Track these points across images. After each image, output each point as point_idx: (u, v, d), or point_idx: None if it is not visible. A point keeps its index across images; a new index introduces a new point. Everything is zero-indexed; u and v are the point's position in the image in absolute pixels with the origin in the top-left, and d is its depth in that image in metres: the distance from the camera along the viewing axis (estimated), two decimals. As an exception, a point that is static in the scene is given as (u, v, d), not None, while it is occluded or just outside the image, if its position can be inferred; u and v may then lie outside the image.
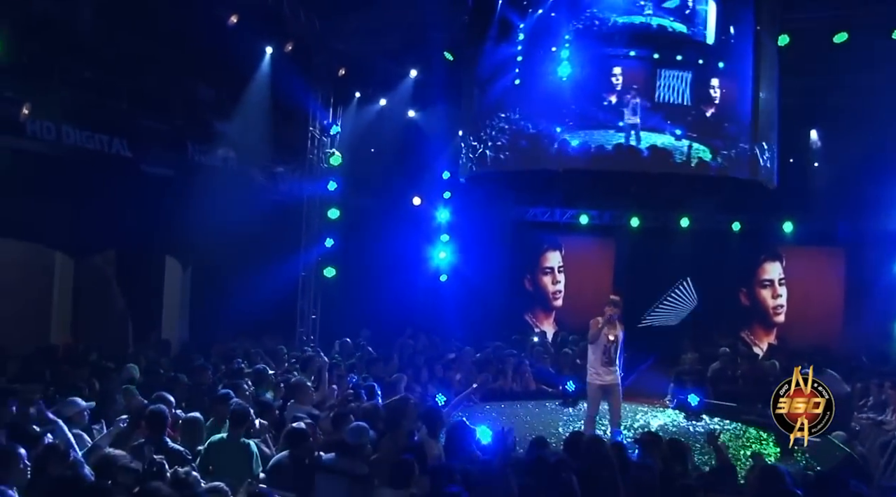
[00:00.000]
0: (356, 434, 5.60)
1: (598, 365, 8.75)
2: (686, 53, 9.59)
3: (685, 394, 10.83)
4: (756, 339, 15.55)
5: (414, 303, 15.21)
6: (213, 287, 12.03)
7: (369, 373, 9.40)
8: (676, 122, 9.74)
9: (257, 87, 11.87)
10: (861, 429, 9.22)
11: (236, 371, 8.20)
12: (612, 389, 8.77)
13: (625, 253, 16.89)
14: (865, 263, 14.08)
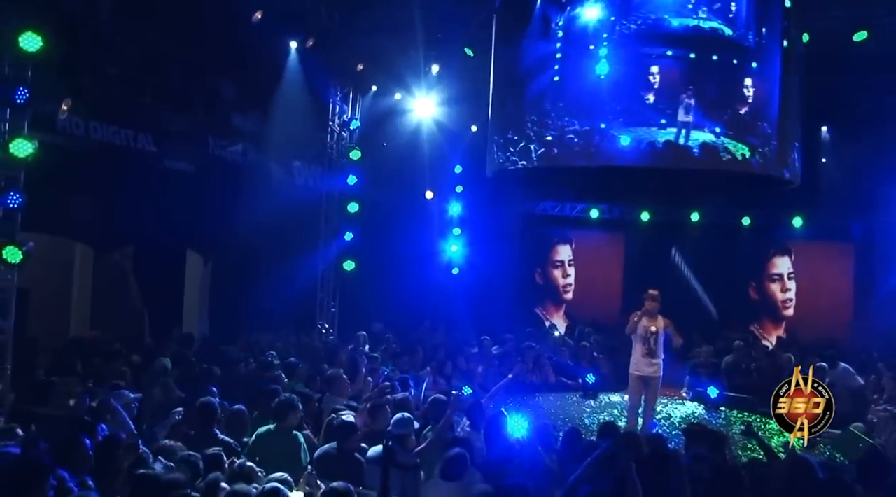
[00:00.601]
0: (402, 425, 5.76)
1: (639, 356, 8.96)
2: (722, 54, 9.74)
3: (702, 386, 11.01)
4: (765, 333, 15.76)
5: (426, 296, 15.42)
6: (233, 281, 12.16)
7: (395, 366, 9.56)
8: (715, 121, 9.91)
9: (278, 83, 11.97)
10: (878, 421, 9.39)
11: (268, 364, 8.34)
12: (652, 382, 8.96)
13: (635, 247, 17.05)
14: (875, 260, 14.31)
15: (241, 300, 11.98)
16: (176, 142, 11.20)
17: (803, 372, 11.26)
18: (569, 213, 17.33)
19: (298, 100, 12.16)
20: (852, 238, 15.03)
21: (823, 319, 15.02)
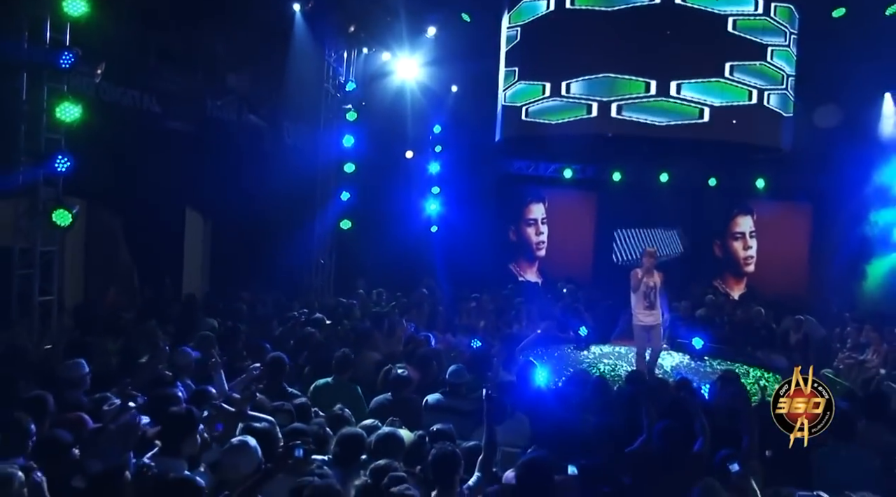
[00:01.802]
0: (457, 375, 6.29)
1: (641, 308, 9.96)
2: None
3: (684, 338, 11.86)
4: (728, 288, 16.80)
5: (409, 254, 15.92)
6: (233, 240, 12.37)
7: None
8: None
9: (274, 45, 12.07)
10: (843, 368, 10.39)
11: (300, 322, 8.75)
12: (654, 330, 9.96)
13: (606, 206, 17.78)
14: (831, 218, 15.32)
15: (241, 259, 12.26)
16: (177, 102, 11.26)
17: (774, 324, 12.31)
18: (542, 172, 17.93)
19: (295, 61, 12.30)
20: (810, 198, 16.02)
21: (782, 275, 16.08)
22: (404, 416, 5.94)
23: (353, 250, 13.84)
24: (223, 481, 3.70)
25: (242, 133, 12.34)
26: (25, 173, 7.01)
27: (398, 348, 8.00)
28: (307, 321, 8.74)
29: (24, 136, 7.03)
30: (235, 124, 12.31)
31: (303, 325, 8.57)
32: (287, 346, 7.89)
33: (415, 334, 8.45)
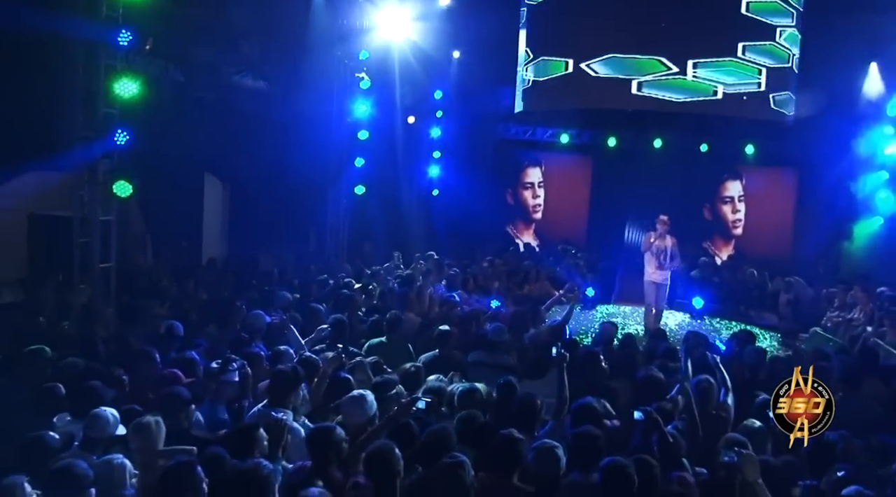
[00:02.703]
0: (498, 333, 6.91)
1: (652, 268, 11.00)
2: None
3: (683, 298, 12.58)
4: (716, 250, 17.55)
5: (412, 217, 16.49)
6: (249, 204, 12.80)
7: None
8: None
9: (289, 12, 12.34)
10: (831, 326, 11.18)
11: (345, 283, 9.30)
12: (661, 287, 10.92)
13: (601, 170, 18.35)
14: (816, 183, 16.04)
15: (258, 223, 12.71)
16: (199, 72, 11.58)
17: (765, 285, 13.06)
18: (539, 137, 18.39)
19: (308, 29, 12.59)
20: (797, 164, 16.73)
21: (768, 238, 16.86)
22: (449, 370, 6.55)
23: (362, 214, 14.31)
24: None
25: (259, 101, 12.69)
26: (85, 147, 7.39)
27: (434, 309, 8.57)
28: (343, 285, 9.27)
29: (83, 112, 7.37)
30: (252, 92, 12.66)
31: (339, 288, 9.10)
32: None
33: (447, 296, 9.01)
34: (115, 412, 4.21)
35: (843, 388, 5.57)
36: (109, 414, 4.15)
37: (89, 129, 7.43)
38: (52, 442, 3.88)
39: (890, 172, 14.27)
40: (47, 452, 3.73)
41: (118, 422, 4.19)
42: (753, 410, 4.85)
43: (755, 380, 5.92)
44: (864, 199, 14.71)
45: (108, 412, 4.17)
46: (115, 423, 4.17)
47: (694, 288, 12.81)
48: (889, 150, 14.30)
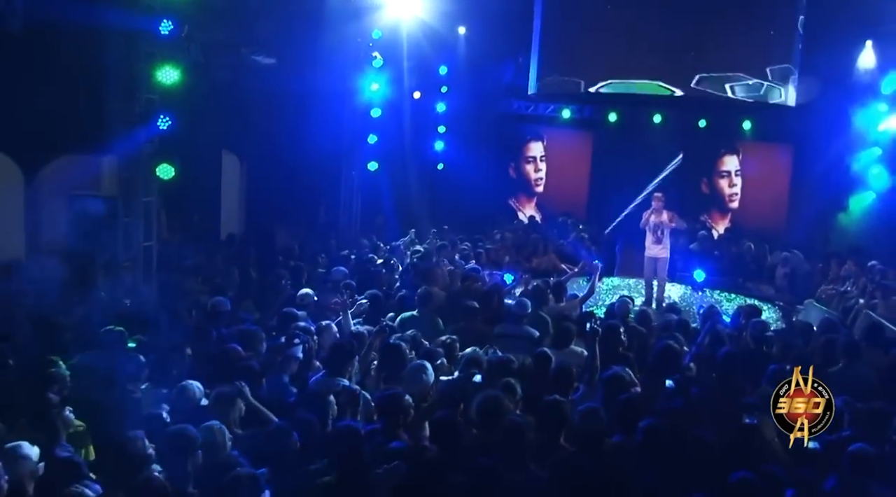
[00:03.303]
0: (521, 306, 7.40)
1: (650, 243, 11.69)
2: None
3: (684, 271, 13.13)
4: (713, 223, 18.09)
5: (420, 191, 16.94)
6: (266, 181, 13.18)
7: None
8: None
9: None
10: (825, 298, 11.77)
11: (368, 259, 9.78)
12: (660, 261, 11.55)
13: (601, 145, 18.80)
14: (810, 159, 16.55)
15: (274, 199, 13.10)
16: (217, 51, 11.88)
17: (763, 258, 13.61)
18: (542, 112, 18.79)
19: (321, 8, 12.87)
20: (792, 140, 17.23)
21: (764, 212, 17.41)
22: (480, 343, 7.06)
23: (373, 188, 14.73)
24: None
25: (274, 80, 12.97)
26: (127, 131, 7.77)
27: (455, 284, 9.06)
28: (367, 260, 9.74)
29: (126, 98, 7.74)
30: (267, 71, 12.95)
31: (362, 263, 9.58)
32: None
33: (469, 271, 9.50)
34: (199, 385, 4.68)
35: (845, 357, 6.11)
36: (196, 386, 4.62)
37: (131, 114, 7.79)
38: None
39: (883, 149, 14.75)
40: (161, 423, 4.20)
41: (203, 394, 4.66)
42: (766, 378, 5.38)
43: (761, 350, 6.45)
44: (858, 174, 15.22)
45: (195, 385, 4.65)
46: (200, 395, 4.64)
47: (694, 261, 13.33)
48: (882, 126, 14.76)
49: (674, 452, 3.95)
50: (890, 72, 14.33)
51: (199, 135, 11.98)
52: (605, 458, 3.96)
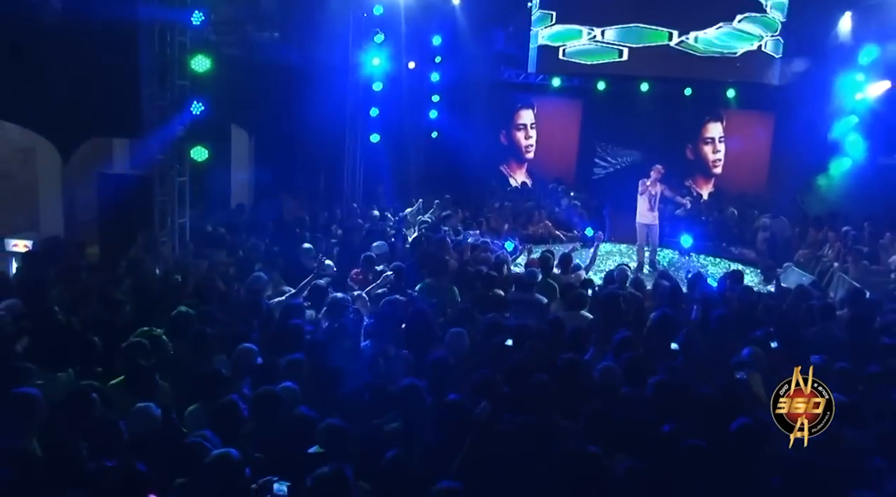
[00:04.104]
0: (532, 275, 8.15)
1: (644, 210, 12.61)
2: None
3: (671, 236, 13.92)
4: (697, 188, 18.90)
5: (416, 159, 17.56)
6: (273, 153, 13.71)
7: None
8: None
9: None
10: (803, 261, 12.64)
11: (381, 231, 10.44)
12: (652, 228, 12.49)
13: (590, 112, 19.45)
14: (790, 126, 17.32)
15: (281, 170, 13.66)
16: (226, 29, 12.32)
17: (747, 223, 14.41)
18: (532, 80, 19.32)
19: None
20: (773, 107, 17.96)
21: (745, 177, 18.23)
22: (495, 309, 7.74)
23: (374, 158, 15.31)
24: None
25: (279, 55, 13.46)
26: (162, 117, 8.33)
27: (466, 254, 9.77)
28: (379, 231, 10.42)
29: (159, 84, 8.28)
30: (273, 47, 13.43)
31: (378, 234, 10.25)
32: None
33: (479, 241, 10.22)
34: (254, 346, 5.38)
35: (821, 319, 6.92)
36: (253, 347, 5.33)
37: (164, 99, 8.33)
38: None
39: (860, 117, 15.49)
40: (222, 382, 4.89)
41: (258, 354, 5.36)
42: (754, 339, 6.18)
43: (746, 313, 7.25)
44: (836, 142, 15.99)
45: (250, 346, 5.35)
46: (256, 355, 5.34)
47: (680, 226, 14.14)
48: (859, 96, 15.49)
49: (679, 404, 4.72)
50: (868, 43, 15.01)
51: (210, 110, 12.53)
52: (621, 408, 4.72)
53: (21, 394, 4.00)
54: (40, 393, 4.07)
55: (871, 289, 9.74)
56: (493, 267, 8.74)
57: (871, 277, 10.41)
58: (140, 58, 8.20)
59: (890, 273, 10.74)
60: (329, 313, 6.36)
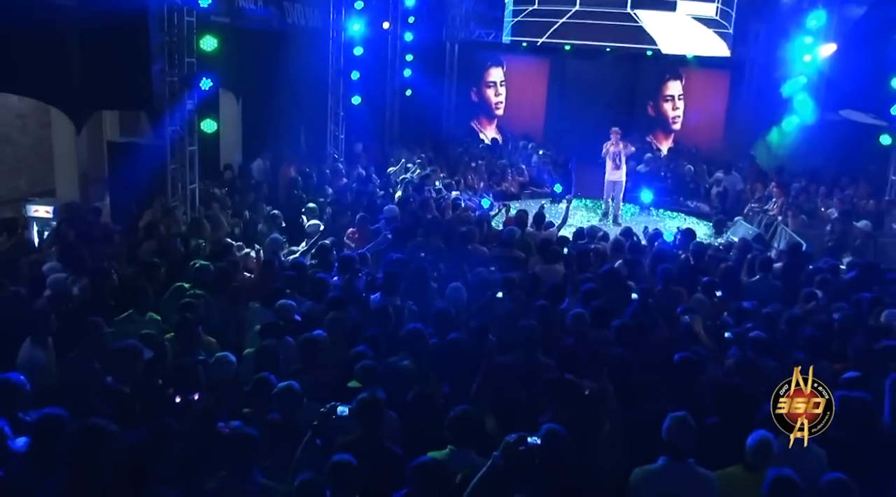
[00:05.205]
0: (511, 233, 9.22)
1: (610, 169, 13.95)
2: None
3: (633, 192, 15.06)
4: (657, 143, 20.03)
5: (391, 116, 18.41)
6: (260, 116, 14.44)
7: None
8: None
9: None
10: (751, 214, 13.88)
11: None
12: (617, 184, 13.83)
13: (557, 71, 20.36)
14: (745, 84, 18.48)
15: (267, 132, 14.44)
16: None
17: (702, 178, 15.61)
18: (501, 39, 20.16)
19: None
20: (730, 67, 19.05)
21: (702, 133, 19.38)
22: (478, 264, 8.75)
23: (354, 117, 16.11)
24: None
25: (265, 20, 14.08)
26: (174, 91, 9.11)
27: (448, 213, 10.77)
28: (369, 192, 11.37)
29: (169, 61, 9.04)
30: (258, 12, 14.02)
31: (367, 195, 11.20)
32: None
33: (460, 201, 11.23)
34: (292, 302, 6.37)
35: (761, 271, 8.12)
36: (293, 303, 6.33)
37: (174, 75, 9.10)
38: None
39: (808, 78, 16.64)
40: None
41: (296, 310, 6.36)
42: (700, 288, 7.37)
43: (697, 266, 8.43)
44: (786, 100, 17.15)
45: (290, 302, 6.34)
46: (294, 309, 6.34)
47: (641, 181, 15.28)
48: (807, 58, 16.63)
49: (637, 341, 5.86)
50: (815, 8, 16.09)
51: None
52: (590, 345, 5.85)
53: (129, 345, 4.96)
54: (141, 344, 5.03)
55: (808, 241, 11.00)
56: (474, 224, 9.75)
57: (808, 230, 11.66)
58: (150, 37, 8.89)
59: (826, 226, 11.98)
60: (341, 270, 7.35)
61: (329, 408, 4.29)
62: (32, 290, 6.61)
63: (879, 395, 4.94)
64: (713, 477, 4.21)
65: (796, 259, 8.77)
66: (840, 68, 15.80)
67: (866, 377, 5.23)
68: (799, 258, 8.88)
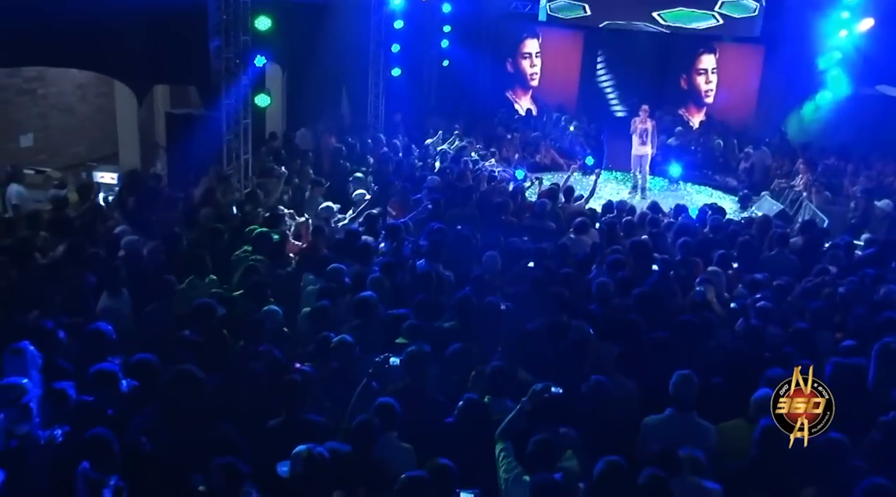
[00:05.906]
0: (542, 206, 9.79)
1: (637, 144, 14.50)
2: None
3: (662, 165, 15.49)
4: (690, 116, 20.29)
5: (430, 87, 18.90)
6: (303, 87, 15.06)
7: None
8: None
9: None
10: (777, 190, 14.26)
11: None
12: (644, 158, 14.37)
13: (592, 43, 20.63)
14: (779, 59, 18.58)
15: (311, 103, 15.06)
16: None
17: (731, 152, 15.97)
18: (538, 11, 20.46)
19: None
20: (763, 41, 19.17)
21: (735, 107, 19.58)
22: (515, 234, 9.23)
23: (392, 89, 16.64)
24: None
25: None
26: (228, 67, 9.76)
27: (483, 185, 11.35)
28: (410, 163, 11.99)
29: (225, 40, 9.68)
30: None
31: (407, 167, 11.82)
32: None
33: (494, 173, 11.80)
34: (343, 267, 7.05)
35: (778, 245, 8.61)
36: (343, 266, 6.99)
37: (230, 52, 9.75)
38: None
39: (843, 53, 16.76)
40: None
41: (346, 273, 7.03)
42: (715, 260, 7.91)
43: (716, 240, 8.96)
44: (820, 76, 17.30)
45: (341, 266, 7.01)
46: (345, 272, 7.01)
47: (670, 155, 15.69)
48: (843, 33, 16.73)
49: (654, 309, 6.47)
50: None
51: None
52: (612, 311, 6.47)
53: (205, 303, 5.70)
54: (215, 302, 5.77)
55: (831, 218, 11.41)
56: (509, 196, 10.34)
57: (831, 207, 12.05)
58: (209, 16, 9.52)
59: (850, 203, 12.34)
60: (388, 237, 8.02)
61: (384, 358, 4.98)
62: (109, 252, 7.35)
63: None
64: (712, 428, 4.84)
65: (811, 235, 9.22)
66: (877, 43, 15.92)
67: (862, 346, 5.77)
68: (814, 234, 9.33)
